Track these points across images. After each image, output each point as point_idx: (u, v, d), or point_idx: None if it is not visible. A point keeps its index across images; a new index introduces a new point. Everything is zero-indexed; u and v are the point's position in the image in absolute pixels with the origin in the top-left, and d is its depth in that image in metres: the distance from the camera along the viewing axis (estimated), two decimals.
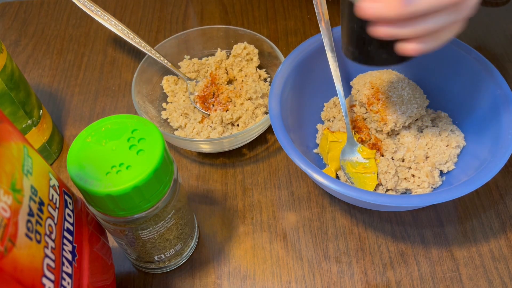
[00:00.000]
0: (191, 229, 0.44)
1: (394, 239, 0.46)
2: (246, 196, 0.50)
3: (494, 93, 0.45)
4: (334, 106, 0.53)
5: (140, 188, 0.32)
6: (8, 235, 0.24)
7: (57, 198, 0.32)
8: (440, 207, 0.48)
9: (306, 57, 0.49)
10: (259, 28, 0.67)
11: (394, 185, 0.46)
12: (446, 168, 0.47)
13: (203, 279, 0.45)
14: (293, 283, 0.44)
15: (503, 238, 0.46)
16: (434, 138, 0.48)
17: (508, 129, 0.42)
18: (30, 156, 0.30)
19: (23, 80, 0.48)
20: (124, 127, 0.34)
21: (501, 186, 0.49)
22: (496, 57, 0.60)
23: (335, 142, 0.49)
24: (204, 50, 0.60)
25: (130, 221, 0.35)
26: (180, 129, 0.54)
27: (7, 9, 0.72)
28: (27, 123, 0.49)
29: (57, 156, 0.55)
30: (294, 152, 0.41)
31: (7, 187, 0.25)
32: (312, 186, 0.51)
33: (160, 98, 0.57)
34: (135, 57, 0.65)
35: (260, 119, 0.53)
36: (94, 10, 0.57)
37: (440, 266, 0.44)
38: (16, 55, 0.66)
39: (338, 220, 0.48)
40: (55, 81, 0.63)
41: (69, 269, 0.31)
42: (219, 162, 0.53)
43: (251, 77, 0.56)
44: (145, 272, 0.46)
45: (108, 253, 0.41)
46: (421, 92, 0.49)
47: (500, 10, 0.67)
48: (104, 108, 0.59)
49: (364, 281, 0.44)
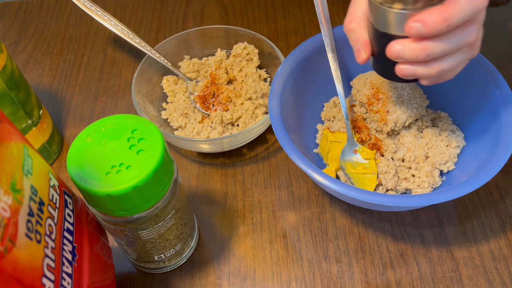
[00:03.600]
0: (191, 229, 0.44)
1: (394, 239, 0.46)
2: (246, 196, 0.50)
3: (494, 93, 0.45)
4: (334, 106, 0.53)
5: (140, 188, 0.32)
6: (8, 235, 0.24)
7: (57, 198, 0.32)
8: (440, 207, 0.48)
9: (306, 57, 0.49)
10: (259, 28, 0.67)
11: (394, 185, 0.46)
12: (446, 168, 0.47)
13: (203, 279, 0.45)
14: (293, 283, 0.44)
15: (503, 238, 0.46)
16: (434, 138, 0.48)
17: (508, 129, 0.42)
18: (30, 156, 0.30)
19: (23, 80, 0.48)
20: (124, 127, 0.34)
21: (501, 186, 0.49)
22: (496, 57, 0.60)
23: (335, 142, 0.49)
24: (204, 50, 0.60)
25: (130, 221, 0.35)
26: (180, 129, 0.54)
27: (7, 9, 0.72)
28: (27, 123, 0.49)
29: (57, 156, 0.55)
30: (294, 152, 0.41)
31: (7, 187, 0.25)
32: (312, 186, 0.51)
33: (160, 98, 0.57)
34: (135, 57, 0.65)
35: (260, 119, 0.53)
36: (94, 10, 0.57)
37: (440, 266, 0.44)
38: (16, 55, 0.66)
39: (338, 220, 0.48)
40: (55, 81, 0.63)
41: (69, 269, 0.31)
42: (219, 162, 0.53)
43: (251, 77, 0.56)
44: (145, 272, 0.46)
45: (108, 253, 0.41)
46: (421, 92, 0.49)
47: (500, 10, 0.67)
48: (104, 108, 0.59)
49: (364, 281, 0.44)
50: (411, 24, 0.32)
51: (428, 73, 0.35)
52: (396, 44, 0.35)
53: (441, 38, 0.33)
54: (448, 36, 0.33)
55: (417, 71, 0.36)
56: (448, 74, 0.37)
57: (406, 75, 0.36)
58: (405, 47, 0.34)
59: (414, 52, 0.34)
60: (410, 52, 0.34)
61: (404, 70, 0.36)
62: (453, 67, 0.36)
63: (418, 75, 0.36)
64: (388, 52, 0.35)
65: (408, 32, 0.33)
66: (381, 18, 0.35)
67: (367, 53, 0.39)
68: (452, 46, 0.34)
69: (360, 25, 0.38)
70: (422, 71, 0.35)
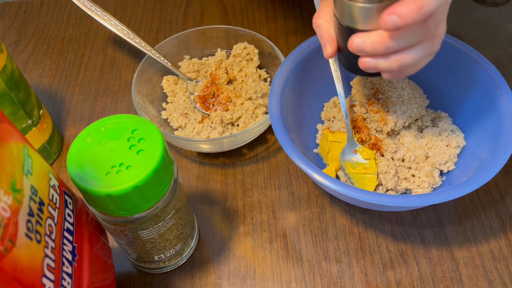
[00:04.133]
0: (191, 229, 0.44)
1: (394, 239, 0.46)
2: (246, 196, 0.50)
3: (494, 93, 0.45)
4: (334, 106, 0.53)
5: (140, 188, 0.32)
6: (8, 235, 0.24)
7: (57, 198, 0.32)
8: (440, 207, 0.48)
9: (306, 57, 0.49)
10: (259, 28, 0.67)
11: (394, 185, 0.46)
12: (446, 168, 0.47)
13: (203, 279, 0.45)
14: (293, 283, 0.44)
15: (503, 238, 0.46)
16: (434, 138, 0.48)
17: (508, 129, 0.42)
18: (30, 156, 0.30)
19: (23, 80, 0.48)
20: (124, 127, 0.34)
21: (501, 186, 0.49)
22: (496, 57, 0.60)
23: (335, 142, 0.49)
24: (204, 50, 0.60)
25: (130, 221, 0.35)
26: (180, 129, 0.54)
27: (7, 9, 0.72)
28: (27, 123, 0.49)
29: (57, 156, 0.55)
30: (294, 152, 0.41)
31: (7, 187, 0.25)
32: (312, 186, 0.51)
33: (160, 98, 0.57)
34: (135, 57, 0.65)
35: (260, 119, 0.53)
36: (94, 10, 0.57)
37: (440, 266, 0.44)
38: (16, 55, 0.66)
39: (338, 220, 0.48)
40: (55, 81, 0.63)
41: (69, 269, 0.31)
42: (219, 162, 0.53)
43: (251, 77, 0.56)
44: (145, 272, 0.46)
45: (108, 253, 0.41)
46: (421, 92, 0.49)
47: (500, 10, 0.67)
48: (104, 108, 0.59)
49: (364, 281, 0.44)
50: (386, 17, 0.32)
51: (389, 66, 0.36)
52: (356, 37, 0.36)
53: (399, 31, 0.34)
54: (407, 30, 0.34)
55: (378, 64, 0.36)
56: (411, 69, 0.37)
57: (368, 67, 0.37)
58: (365, 41, 0.35)
59: (373, 46, 0.35)
60: (370, 45, 0.35)
61: (365, 63, 0.37)
62: (414, 62, 0.36)
63: (380, 68, 0.37)
64: (349, 46, 0.36)
65: (384, 25, 0.33)
66: (346, 13, 0.36)
67: (332, 48, 0.39)
68: (410, 40, 0.34)
69: (326, 21, 0.39)
70: (383, 64, 0.36)
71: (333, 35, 0.39)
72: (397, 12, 0.32)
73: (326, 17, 0.40)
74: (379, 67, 0.36)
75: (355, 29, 0.36)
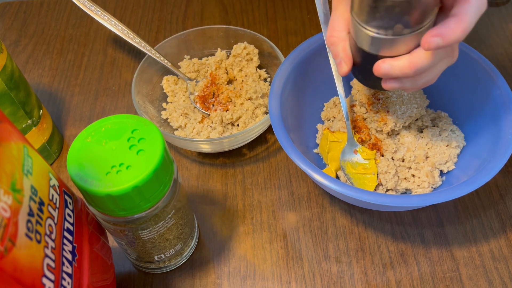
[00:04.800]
0: (191, 229, 0.44)
1: (394, 239, 0.46)
2: (246, 196, 0.50)
3: (494, 93, 0.45)
4: (334, 106, 0.53)
5: (140, 188, 0.32)
6: (8, 235, 0.24)
7: (57, 198, 0.32)
8: (440, 207, 0.48)
9: (306, 57, 0.49)
10: (259, 28, 0.67)
11: (394, 185, 0.46)
12: (446, 168, 0.47)
13: (203, 279, 0.45)
14: (293, 283, 0.44)
15: (503, 238, 0.46)
16: (434, 138, 0.48)
17: (508, 129, 0.42)
18: (30, 156, 0.30)
19: (23, 80, 0.48)
20: (124, 127, 0.34)
21: (501, 186, 0.49)
22: (496, 57, 0.60)
23: (335, 142, 0.49)
24: (204, 50, 0.60)
25: (130, 221, 0.35)
26: (180, 129, 0.54)
27: (7, 9, 0.73)
28: (27, 123, 0.49)
29: (57, 156, 0.55)
30: (294, 152, 0.41)
31: (7, 187, 0.25)
32: (312, 186, 0.51)
33: (160, 98, 0.57)
34: (135, 57, 0.65)
35: (260, 119, 0.53)
36: (94, 10, 0.57)
37: (440, 266, 0.44)
38: (16, 55, 0.66)
39: (338, 220, 0.48)
40: (55, 81, 0.63)
41: (69, 269, 0.31)
42: (219, 162, 0.53)
43: (251, 77, 0.56)
44: (145, 272, 0.46)
45: (108, 253, 0.41)
46: (421, 92, 0.49)
47: (500, 10, 0.67)
48: (104, 108, 0.59)
49: (364, 281, 0.44)
50: (431, 39, 0.32)
51: (414, 85, 0.37)
52: (383, 64, 0.36)
53: (431, 53, 0.34)
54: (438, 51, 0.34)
55: (404, 85, 0.37)
56: (431, 81, 0.38)
57: (393, 89, 0.38)
58: (393, 66, 0.35)
59: (402, 71, 0.35)
60: (398, 70, 0.35)
61: (391, 84, 0.37)
62: (436, 75, 0.37)
63: (405, 88, 0.37)
64: (376, 71, 0.36)
65: (427, 46, 0.33)
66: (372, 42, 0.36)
67: (348, 66, 0.39)
68: (437, 59, 0.35)
69: (340, 39, 0.39)
70: (409, 84, 0.37)
71: (349, 53, 0.39)
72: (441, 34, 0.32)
73: (341, 35, 0.39)
74: (405, 87, 0.37)
75: (379, 56, 0.36)
